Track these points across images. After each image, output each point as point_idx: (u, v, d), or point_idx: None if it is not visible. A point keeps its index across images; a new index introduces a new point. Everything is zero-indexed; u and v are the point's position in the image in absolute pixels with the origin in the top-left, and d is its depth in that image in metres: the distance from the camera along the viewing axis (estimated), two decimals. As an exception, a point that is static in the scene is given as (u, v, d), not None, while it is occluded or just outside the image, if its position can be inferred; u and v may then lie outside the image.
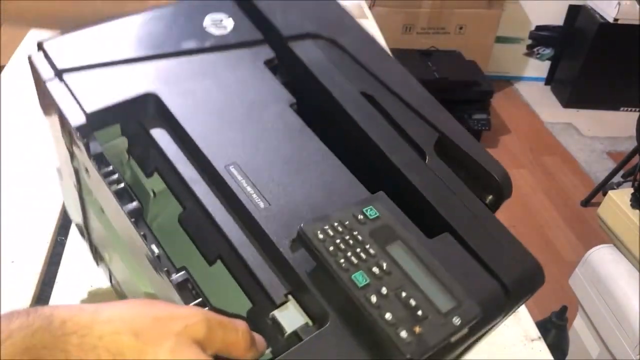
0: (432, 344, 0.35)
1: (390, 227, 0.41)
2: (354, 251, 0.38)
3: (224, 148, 0.45)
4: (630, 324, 1.31)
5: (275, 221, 0.41)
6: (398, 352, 0.34)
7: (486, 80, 2.67)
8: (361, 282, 0.37)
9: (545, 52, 3.20)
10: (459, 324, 0.36)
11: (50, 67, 0.46)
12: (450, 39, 2.82)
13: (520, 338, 0.73)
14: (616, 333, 1.36)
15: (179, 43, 0.51)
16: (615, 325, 1.36)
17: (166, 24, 0.52)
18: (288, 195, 0.43)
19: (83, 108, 0.44)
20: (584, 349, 1.50)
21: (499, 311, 0.42)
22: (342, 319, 0.37)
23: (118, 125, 0.47)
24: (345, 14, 0.59)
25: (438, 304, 0.37)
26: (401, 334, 0.35)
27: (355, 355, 0.36)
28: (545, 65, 3.23)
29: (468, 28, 2.82)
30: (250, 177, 0.43)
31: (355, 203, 0.42)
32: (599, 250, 1.48)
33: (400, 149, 0.49)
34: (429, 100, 0.54)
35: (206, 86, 0.48)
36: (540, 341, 0.74)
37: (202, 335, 0.35)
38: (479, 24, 2.82)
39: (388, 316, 0.36)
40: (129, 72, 0.47)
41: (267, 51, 0.53)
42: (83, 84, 0.46)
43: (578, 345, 1.51)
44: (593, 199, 2.40)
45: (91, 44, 0.49)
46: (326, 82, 0.51)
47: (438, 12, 2.75)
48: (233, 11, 0.55)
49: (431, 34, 2.80)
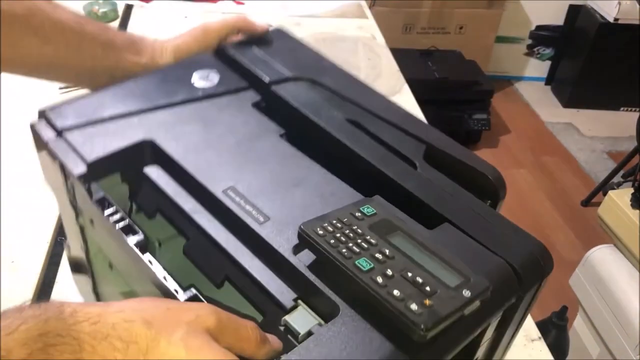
0: (444, 314, 0.35)
1: (389, 220, 0.41)
2: (355, 242, 0.39)
3: (220, 176, 0.47)
4: (630, 324, 1.31)
5: (277, 232, 0.42)
6: (411, 324, 0.34)
7: (486, 80, 2.67)
8: (365, 266, 0.37)
9: (545, 52, 3.20)
10: (470, 296, 0.36)
11: (51, 129, 0.49)
12: (450, 38, 2.82)
13: (520, 338, 0.73)
14: (616, 333, 1.36)
15: (170, 97, 0.54)
16: (615, 325, 1.36)
17: (156, 83, 0.56)
18: (287, 208, 0.44)
19: (84, 158, 0.47)
20: (584, 349, 1.50)
21: (510, 291, 0.42)
22: (353, 307, 0.38)
23: (118, 174, 0.50)
24: (320, 57, 0.63)
25: (446, 280, 0.37)
26: (411, 307, 0.35)
27: (369, 337, 0.36)
28: (545, 65, 3.23)
29: (468, 28, 2.82)
30: (248, 197, 0.45)
31: (352, 204, 0.43)
32: (599, 250, 1.48)
33: (391, 162, 0.51)
34: (412, 117, 0.57)
35: (199, 128, 0.52)
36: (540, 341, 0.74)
37: (212, 325, 0.35)
38: (479, 24, 2.82)
39: (396, 293, 0.36)
40: (125, 124, 0.51)
41: (253, 95, 0.57)
42: (83, 138, 0.49)
43: (578, 345, 1.51)
44: (593, 199, 2.40)
45: (89, 106, 0.52)
46: (312, 115, 0.54)
47: (438, 11, 2.75)
48: (217, 66, 0.59)
49: (431, 33, 2.80)
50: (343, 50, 1.38)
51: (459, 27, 2.81)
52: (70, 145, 0.48)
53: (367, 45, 1.40)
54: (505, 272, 0.42)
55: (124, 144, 0.49)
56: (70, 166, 0.46)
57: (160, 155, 0.49)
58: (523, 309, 0.46)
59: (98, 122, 0.50)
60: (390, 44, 1.45)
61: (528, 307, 0.46)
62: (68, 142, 0.48)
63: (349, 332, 0.36)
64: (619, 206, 1.43)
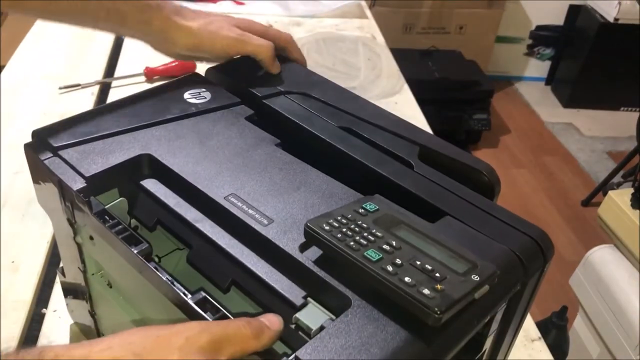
0: (456, 297, 0.35)
1: (392, 215, 0.42)
2: (362, 235, 0.40)
3: (220, 184, 0.48)
4: (630, 324, 1.31)
5: (282, 233, 0.43)
6: (424, 309, 0.35)
7: (486, 80, 2.67)
8: (375, 257, 0.38)
9: (545, 52, 3.20)
10: (479, 280, 0.37)
11: (46, 149, 0.49)
12: (450, 38, 2.82)
13: (520, 338, 0.73)
14: (616, 333, 1.36)
15: (164, 114, 0.55)
16: (615, 325, 1.36)
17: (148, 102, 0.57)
18: (289, 210, 0.45)
19: (81, 173, 0.47)
20: (584, 349, 1.50)
21: (516, 277, 0.43)
22: (364, 298, 0.38)
23: (116, 189, 0.50)
24: (311, 72, 0.65)
25: (454, 267, 0.38)
26: (424, 292, 0.35)
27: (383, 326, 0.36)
28: (545, 65, 3.23)
29: (468, 28, 2.82)
30: (250, 202, 0.46)
31: (353, 202, 0.44)
32: (599, 251, 1.48)
33: (387, 163, 0.52)
34: (404, 122, 0.58)
35: (194, 141, 0.52)
36: (540, 341, 0.74)
37: (205, 343, 0.34)
38: (479, 24, 2.82)
39: (407, 279, 0.36)
40: (121, 140, 0.51)
41: (246, 109, 0.58)
42: (79, 155, 0.49)
43: (578, 345, 1.51)
44: (593, 199, 2.40)
45: (82, 124, 0.53)
46: (305, 124, 0.55)
47: (438, 12, 2.75)
48: (207, 84, 0.61)
49: (431, 33, 2.80)
50: (343, 50, 1.38)
51: (459, 27, 2.81)
52: (67, 163, 0.48)
53: (367, 45, 1.40)
54: (509, 259, 0.43)
55: (122, 159, 0.49)
56: (69, 182, 0.46)
57: (158, 167, 0.50)
58: (527, 298, 0.46)
59: (93, 139, 0.51)
60: (390, 44, 1.45)
61: (531, 296, 0.47)
62: (64, 159, 0.48)
63: (362, 323, 0.36)
64: (619, 206, 1.43)
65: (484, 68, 2.79)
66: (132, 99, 0.57)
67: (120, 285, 0.52)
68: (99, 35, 1.33)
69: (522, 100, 3.14)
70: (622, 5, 2.68)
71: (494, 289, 0.38)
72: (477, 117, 2.56)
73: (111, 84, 1.18)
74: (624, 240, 1.41)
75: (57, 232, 0.57)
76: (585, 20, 2.91)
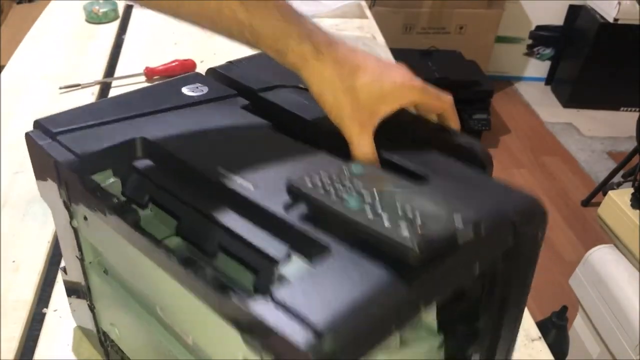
0: (437, 237, 0.35)
1: (378, 176, 0.43)
2: (345, 190, 0.41)
3: (209, 158, 0.49)
4: (630, 324, 1.31)
5: (266, 196, 0.44)
6: (404, 249, 0.35)
7: (486, 80, 2.66)
8: (356, 206, 0.38)
9: (545, 52, 3.20)
10: (462, 225, 0.37)
11: (45, 135, 0.52)
12: (450, 39, 2.82)
13: (520, 338, 0.73)
14: (616, 333, 1.36)
15: (161, 105, 0.57)
16: (615, 325, 1.36)
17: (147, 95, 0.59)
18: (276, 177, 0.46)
19: (76, 152, 0.49)
20: (584, 349, 1.50)
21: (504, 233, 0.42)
22: (345, 247, 0.38)
23: (110, 171, 0.52)
24: None
25: (437, 214, 0.38)
26: (403, 233, 0.35)
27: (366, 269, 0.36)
28: (545, 65, 3.23)
29: (468, 28, 2.82)
30: (237, 172, 0.47)
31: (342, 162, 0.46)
32: (599, 250, 1.48)
33: None
34: None
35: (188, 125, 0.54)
36: (540, 341, 0.74)
37: None
38: (479, 24, 2.82)
39: (387, 224, 0.36)
40: (118, 127, 0.54)
41: (242, 100, 0.60)
42: (76, 138, 0.51)
43: (578, 345, 1.51)
44: (593, 199, 2.40)
45: (82, 114, 0.55)
46: (301, 113, 0.56)
47: (438, 12, 2.75)
48: (206, 80, 0.63)
49: (431, 34, 2.80)
50: (343, 50, 1.38)
51: (459, 27, 2.81)
52: (64, 145, 0.50)
53: (367, 45, 1.40)
54: (497, 212, 0.42)
55: (116, 142, 0.51)
56: (63, 159, 0.49)
57: (151, 149, 0.51)
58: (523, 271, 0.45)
59: (90, 126, 0.53)
60: (390, 44, 1.45)
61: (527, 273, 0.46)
62: (61, 143, 0.51)
63: (344, 268, 0.37)
64: (619, 206, 1.43)
65: (484, 68, 2.79)
66: (131, 94, 0.59)
67: (115, 269, 0.53)
68: (99, 35, 1.33)
69: (522, 100, 3.14)
70: (622, 6, 2.68)
71: (480, 238, 0.38)
72: (477, 117, 2.57)
73: (111, 84, 1.18)
74: (624, 240, 1.41)
75: (57, 224, 0.58)
76: (585, 21, 2.91)
